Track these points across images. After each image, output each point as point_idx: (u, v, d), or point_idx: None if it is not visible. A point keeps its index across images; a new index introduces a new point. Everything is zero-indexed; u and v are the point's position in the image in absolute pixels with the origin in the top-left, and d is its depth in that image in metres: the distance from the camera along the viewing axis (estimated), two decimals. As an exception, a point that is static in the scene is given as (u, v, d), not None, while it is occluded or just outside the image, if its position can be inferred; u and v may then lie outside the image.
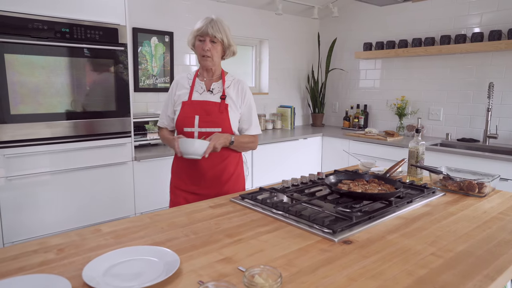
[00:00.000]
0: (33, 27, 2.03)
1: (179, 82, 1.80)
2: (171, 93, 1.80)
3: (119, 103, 2.42)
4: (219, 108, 1.72)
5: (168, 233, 1.17)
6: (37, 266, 0.94)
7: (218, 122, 1.70)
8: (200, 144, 1.53)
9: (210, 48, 1.67)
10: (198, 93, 1.75)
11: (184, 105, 1.73)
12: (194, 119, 1.70)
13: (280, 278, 0.79)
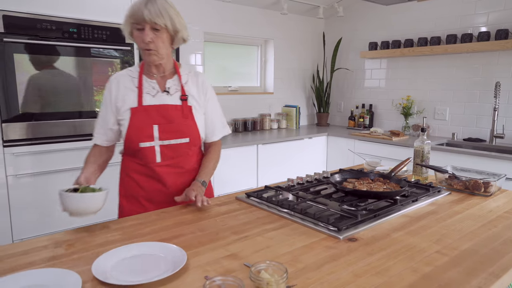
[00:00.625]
0: (42, 27, 2.06)
1: (120, 82, 1.39)
2: (109, 97, 1.39)
3: (125, 102, 2.45)
4: (182, 112, 1.40)
5: (174, 230, 1.18)
6: (47, 261, 0.96)
7: (184, 130, 1.40)
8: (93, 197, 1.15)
9: (153, 38, 1.29)
10: (150, 96, 1.38)
11: (135, 113, 1.36)
12: (152, 129, 1.36)
13: (286, 274, 0.80)
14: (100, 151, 1.46)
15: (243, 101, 3.83)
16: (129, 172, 1.47)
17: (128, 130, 1.37)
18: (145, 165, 1.43)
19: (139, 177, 1.45)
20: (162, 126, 1.37)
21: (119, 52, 2.36)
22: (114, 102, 1.39)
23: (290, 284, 0.85)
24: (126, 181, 1.49)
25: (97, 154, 1.45)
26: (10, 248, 1.03)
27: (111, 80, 1.42)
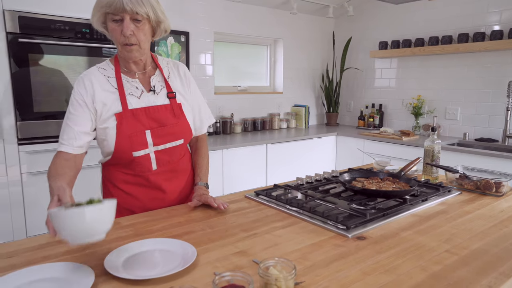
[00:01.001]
0: (55, 27, 2.10)
1: (94, 83, 1.19)
2: (84, 98, 1.18)
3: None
4: (173, 112, 1.27)
5: (185, 226, 1.20)
6: (61, 255, 0.98)
7: (177, 132, 1.28)
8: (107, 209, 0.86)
9: (134, 30, 1.12)
10: (135, 97, 1.23)
11: (122, 119, 1.19)
12: (145, 136, 1.22)
13: (294, 270, 0.80)
14: (68, 161, 1.17)
15: (252, 100, 3.85)
16: (118, 184, 1.31)
17: (118, 139, 1.19)
18: (138, 175, 1.28)
19: (132, 188, 1.30)
20: (155, 131, 1.23)
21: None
22: (92, 104, 1.18)
23: (299, 281, 0.86)
24: (115, 194, 1.31)
25: (65, 165, 1.16)
26: (27, 242, 1.05)
27: (83, 79, 1.20)
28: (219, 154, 2.92)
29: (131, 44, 1.14)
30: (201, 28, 3.36)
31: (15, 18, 1.97)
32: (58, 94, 2.16)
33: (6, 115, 2.02)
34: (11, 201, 2.09)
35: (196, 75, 3.40)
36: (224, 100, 3.63)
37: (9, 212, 2.09)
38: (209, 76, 3.50)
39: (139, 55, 1.19)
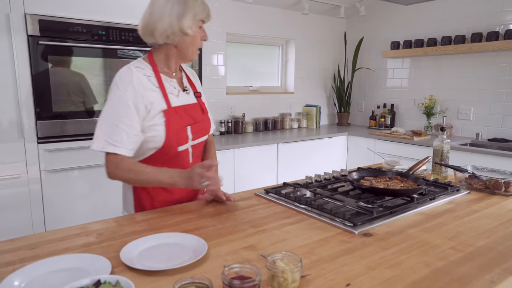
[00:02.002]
0: (74, 30, 2.18)
1: (139, 84, 1.22)
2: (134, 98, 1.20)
3: (150, 102, 2.55)
4: (202, 110, 1.40)
5: (196, 222, 1.24)
6: (80, 247, 1.04)
7: (206, 128, 1.41)
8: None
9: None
10: (174, 96, 1.30)
11: (169, 116, 1.26)
12: (187, 131, 1.32)
13: (300, 263, 0.84)
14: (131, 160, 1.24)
15: (264, 100, 3.88)
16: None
17: (167, 135, 1.25)
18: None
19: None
20: (193, 127, 1.33)
21: (144, 53, 2.46)
22: (141, 104, 1.21)
23: (305, 274, 0.89)
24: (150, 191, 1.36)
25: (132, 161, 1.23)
26: (48, 235, 1.12)
27: (131, 78, 1.20)
28: (230, 153, 2.97)
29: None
30: (213, 29, 3.41)
31: (36, 21, 2.05)
32: (76, 95, 2.24)
33: (27, 115, 2.11)
34: (30, 198, 2.18)
35: (208, 75, 3.46)
36: (236, 100, 3.68)
37: (29, 209, 2.18)
38: (221, 76, 3.55)
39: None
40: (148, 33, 1.24)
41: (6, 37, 1.99)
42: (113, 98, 1.20)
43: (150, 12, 1.24)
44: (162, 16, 1.20)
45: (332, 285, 0.85)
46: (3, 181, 2.08)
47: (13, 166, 2.10)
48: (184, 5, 1.21)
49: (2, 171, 2.07)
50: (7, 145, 2.08)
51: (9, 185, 2.10)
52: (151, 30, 1.23)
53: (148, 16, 1.24)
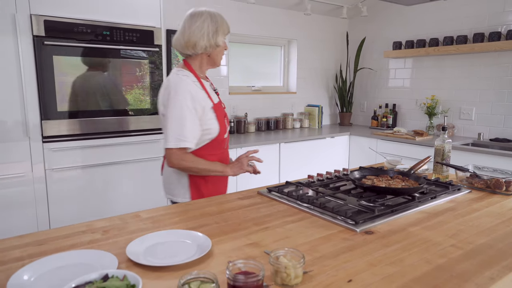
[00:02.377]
0: (78, 30, 2.20)
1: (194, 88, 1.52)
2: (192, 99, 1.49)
3: (154, 102, 2.57)
4: (223, 106, 1.71)
5: (200, 220, 1.26)
6: (86, 244, 1.06)
7: (228, 119, 1.73)
8: None
9: None
10: (212, 95, 1.62)
11: (216, 110, 1.58)
12: (225, 122, 1.65)
13: (303, 259, 0.86)
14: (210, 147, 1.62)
15: (266, 100, 3.90)
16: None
17: (220, 126, 1.59)
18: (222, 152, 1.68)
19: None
20: (226, 118, 1.68)
21: (147, 53, 2.48)
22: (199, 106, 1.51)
23: (307, 270, 0.91)
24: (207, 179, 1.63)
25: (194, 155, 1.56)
26: (54, 232, 1.14)
27: (186, 86, 1.49)
28: (233, 153, 2.99)
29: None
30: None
31: (41, 22, 2.07)
32: (80, 94, 2.26)
33: (32, 114, 2.13)
34: (36, 196, 2.20)
35: (211, 75, 3.46)
36: (239, 100, 3.70)
37: (34, 207, 2.20)
38: (224, 76, 3.57)
39: None
40: (190, 47, 1.54)
41: (12, 37, 2.01)
42: (176, 104, 1.48)
43: (190, 31, 1.53)
44: (202, 33, 1.53)
45: (334, 281, 0.87)
46: (9, 179, 2.11)
47: (19, 165, 2.13)
48: (216, 24, 1.56)
49: (8, 169, 2.10)
50: (13, 144, 2.10)
51: (14, 184, 2.13)
52: (193, 44, 1.53)
53: (188, 34, 1.53)
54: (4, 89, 2.04)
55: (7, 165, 2.10)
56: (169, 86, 1.50)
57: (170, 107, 1.47)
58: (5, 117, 2.06)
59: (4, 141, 2.07)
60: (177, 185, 1.63)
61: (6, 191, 2.11)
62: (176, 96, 1.47)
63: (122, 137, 2.47)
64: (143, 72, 2.49)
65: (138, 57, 2.45)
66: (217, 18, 1.58)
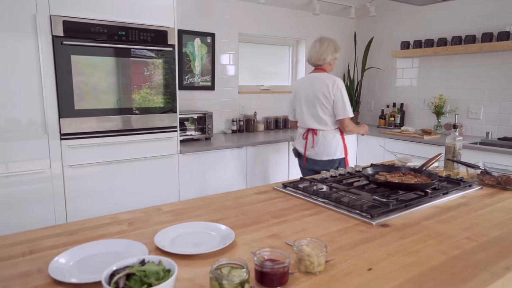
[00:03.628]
0: (95, 30, 2.26)
1: None
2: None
3: (167, 100, 2.62)
4: None
5: (220, 213, 1.31)
6: (114, 234, 1.11)
7: None
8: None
9: None
10: None
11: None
12: None
13: (325, 248, 0.90)
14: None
15: (274, 99, 3.94)
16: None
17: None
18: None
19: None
20: None
21: (161, 53, 2.53)
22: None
23: (329, 259, 0.95)
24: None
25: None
26: (83, 223, 1.19)
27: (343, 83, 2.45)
28: (243, 151, 3.03)
29: None
30: (226, 30, 3.48)
31: (60, 22, 2.13)
32: (97, 93, 2.32)
33: (50, 112, 2.19)
34: (53, 192, 2.26)
35: (220, 74, 3.53)
36: (248, 99, 3.74)
37: (52, 203, 2.26)
38: (233, 75, 3.62)
39: None
40: (321, 59, 2.48)
41: (32, 37, 2.07)
42: (345, 93, 2.39)
43: (321, 50, 2.46)
44: (329, 51, 2.47)
45: (355, 269, 0.91)
46: (29, 175, 2.17)
47: (38, 161, 2.19)
48: (334, 45, 2.50)
49: (27, 166, 2.16)
50: (33, 142, 2.16)
51: (34, 180, 2.18)
52: (324, 58, 2.47)
53: (320, 51, 2.47)
54: (25, 88, 2.10)
55: (27, 162, 2.15)
56: (336, 82, 2.37)
57: (343, 96, 2.37)
58: (25, 115, 2.12)
59: (25, 139, 2.13)
60: (337, 147, 2.46)
61: (26, 187, 2.17)
62: (344, 90, 2.40)
63: (137, 135, 2.52)
64: (156, 71, 2.54)
65: (152, 56, 2.50)
66: (335, 42, 2.51)
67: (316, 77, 2.43)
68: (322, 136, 2.43)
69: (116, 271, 0.74)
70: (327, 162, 2.46)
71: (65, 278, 0.83)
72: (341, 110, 2.35)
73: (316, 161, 2.48)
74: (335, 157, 2.44)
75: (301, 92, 2.51)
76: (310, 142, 2.47)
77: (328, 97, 2.36)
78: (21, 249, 1.00)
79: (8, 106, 2.07)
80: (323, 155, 2.44)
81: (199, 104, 3.42)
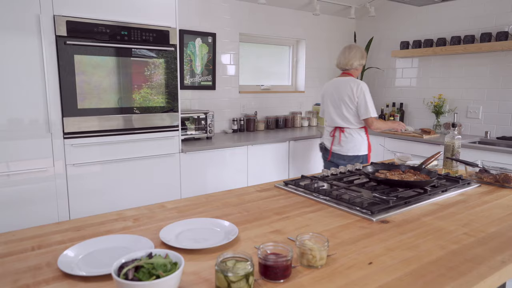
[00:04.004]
0: (98, 30, 2.28)
1: None
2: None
3: (168, 99, 2.64)
4: None
5: (223, 210, 1.33)
6: (120, 230, 1.13)
7: None
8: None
9: None
10: None
11: None
12: None
13: (327, 243, 0.92)
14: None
15: (275, 99, 3.97)
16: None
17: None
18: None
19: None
20: None
21: (163, 53, 2.55)
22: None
23: (330, 253, 0.98)
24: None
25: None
26: (89, 219, 1.21)
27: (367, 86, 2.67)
28: (244, 150, 3.06)
29: None
30: (226, 30, 3.50)
31: (63, 22, 2.15)
32: (100, 92, 2.34)
33: (54, 111, 2.21)
34: (57, 190, 2.28)
35: (221, 74, 3.55)
36: (248, 98, 3.77)
37: (55, 201, 2.28)
38: (233, 75, 3.64)
39: None
40: (349, 64, 2.67)
41: (36, 37, 2.09)
42: (368, 96, 2.56)
43: (349, 56, 2.66)
44: (356, 57, 2.66)
45: (356, 263, 0.93)
46: (32, 174, 2.19)
47: (41, 160, 2.21)
48: (362, 52, 2.68)
49: (31, 165, 2.18)
50: (36, 141, 2.18)
51: (37, 179, 2.21)
52: (351, 64, 2.67)
53: (348, 57, 2.67)
54: (29, 88, 2.12)
55: (31, 161, 2.18)
56: (360, 86, 2.57)
57: (367, 97, 2.55)
58: (29, 114, 2.14)
59: (28, 138, 2.15)
60: (362, 144, 2.66)
61: (30, 185, 2.19)
62: (368, 92, 2.59)
63: (139, 134, 2.55)
64: (157, 70, 2.56)
65: (153, 56, 2.53)
66: (362, 50, 2.70)
67: (343, 81, 2.65)
68: (349, 134, 2.65)
69: (125, 264, 0.76)
70: (352, 157, 2.67)
71: (73, 271, 0.85)
72: (363, 110, 2.57)
73: (341, 156, 2.69)
74: (359, 153, 2.66)
75: (329, 93, 2.73)
76: (337, 138, 2.69)
77: (352, 99, 2.58)
78: (30, 244, 1.02)
79: (12, 105, 2.09)
80: (349, 151, 2.65)
81: (200, 103, 3.44)
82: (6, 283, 0.83)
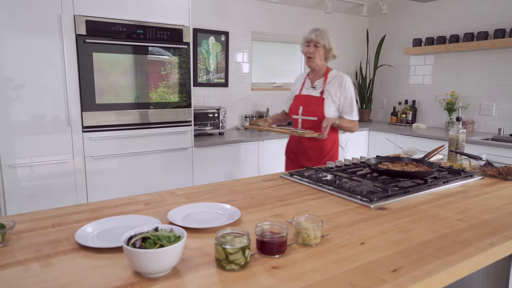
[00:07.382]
0: (115, 29, 2.39)
1: (297, 79, 2.36)
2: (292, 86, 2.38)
3: (182, 96, 2.74)
4: (317, 101, 2.14)
5: (228, 196, 1.41)
6: (132, 212, 1.22)
7: (315, 112, 2.14)
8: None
9: (313, 51, 2.12)
10: (305, 89, 2.24)
11: (295, 98, 2.26)
12: (299, 109, 2.21)
13: (321, 223, 0.98)
14: (284, 114, 2.43)
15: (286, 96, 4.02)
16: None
17: (290, 107, 2.28)
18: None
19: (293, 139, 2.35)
20: (304, 108, 2.17)
21: (177, 51, 2.65)
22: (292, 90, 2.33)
23: (325, 234, 1.04)
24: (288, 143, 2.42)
25: (282, 114, 2.45)
26: (104, 203, 1.31)
27: (295, 78, 2.38)
28: (255, 146, 3.13)
29: (309, 58, 2.14)
30: (239, 28, 3.58)
31: (83, 22, 2.27)
32: (116, 88, 2.46)
33: (73, 106, 2.34)
34: (76, 181, 2.41)
35: (234, 72, 3.63)
36: (260, 96, 3.84)
37: (75, 193, 2.41)
38: (246, 73, 3.72)
39: (313, 65, 2.16)
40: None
41: (58, 36, 2.22)
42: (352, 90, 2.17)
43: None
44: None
45: (348, 243, 0.99)
46: (53, 166, 2.32)
47: (62, 154, 2.34)
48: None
49: (52, 158, 2.31)
50: (57, 135, 2.31)
51: (58, 171, 2.34)
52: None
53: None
54: (50, 84, 2.25)
55: (52, 154, 2.31)
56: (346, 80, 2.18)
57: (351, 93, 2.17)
58: (51, 110, 2.27)
59: (50, 132, 2.29)
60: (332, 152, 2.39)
61: (50, 177, 2.32)
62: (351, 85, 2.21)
63: (154, 128, 2.66)
64: (172, 68, 2.66)
65: (168, 54, 2.63)
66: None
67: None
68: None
69: (133, 236, 0.84)
70: None
71: (88, 243, 0.94)
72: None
73: None
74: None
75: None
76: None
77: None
78: (51, 222, 1.13)
79: (35, 101, 2.22)
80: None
81: (213, 100, 3.53)
82: (29, 253, 0.93)
